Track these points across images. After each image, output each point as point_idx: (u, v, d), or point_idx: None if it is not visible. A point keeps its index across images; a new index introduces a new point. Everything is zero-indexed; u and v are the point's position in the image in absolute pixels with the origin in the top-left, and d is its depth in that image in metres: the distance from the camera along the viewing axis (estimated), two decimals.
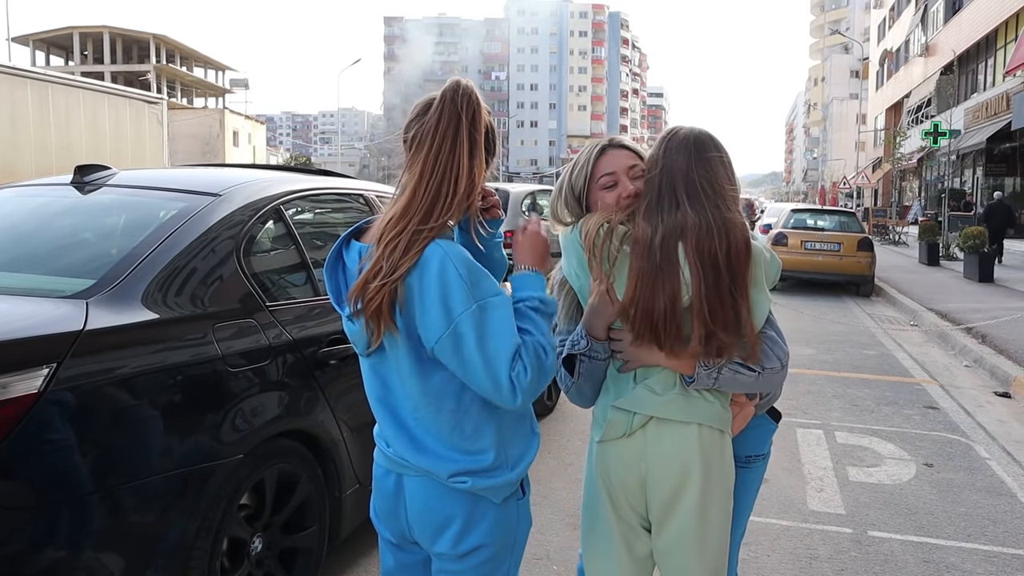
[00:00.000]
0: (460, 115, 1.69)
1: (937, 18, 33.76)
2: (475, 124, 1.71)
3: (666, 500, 1.93)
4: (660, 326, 1.84)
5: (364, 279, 1.66)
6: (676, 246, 1.84)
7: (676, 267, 1.84)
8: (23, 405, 2.01)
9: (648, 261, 1.84)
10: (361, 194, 3.92)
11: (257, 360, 2.73)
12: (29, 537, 2.03)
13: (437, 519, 1.77)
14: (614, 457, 1.97)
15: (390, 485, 1.83)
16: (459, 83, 1.73)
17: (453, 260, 1.63)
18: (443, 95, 1.71)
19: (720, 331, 1.83)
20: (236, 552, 2.68)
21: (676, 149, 1.93)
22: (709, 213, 1.86)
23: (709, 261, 1.82)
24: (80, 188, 3.21)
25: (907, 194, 41.89)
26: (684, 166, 1.91)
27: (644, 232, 1.87)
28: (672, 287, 1.83)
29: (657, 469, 1.93)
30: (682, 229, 1.84)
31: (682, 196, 1.88)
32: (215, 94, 68.07)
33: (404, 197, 1.69)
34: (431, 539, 1.80)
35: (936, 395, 6.92)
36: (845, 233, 14.34)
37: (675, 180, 1.90)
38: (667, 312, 1.83)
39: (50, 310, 2.28)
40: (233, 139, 43.47)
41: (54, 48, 58.73)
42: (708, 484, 1.92)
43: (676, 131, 1.99)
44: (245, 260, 2.89)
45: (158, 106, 20.05)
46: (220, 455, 2.50)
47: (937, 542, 3.89)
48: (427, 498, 1.77)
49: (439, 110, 1.70)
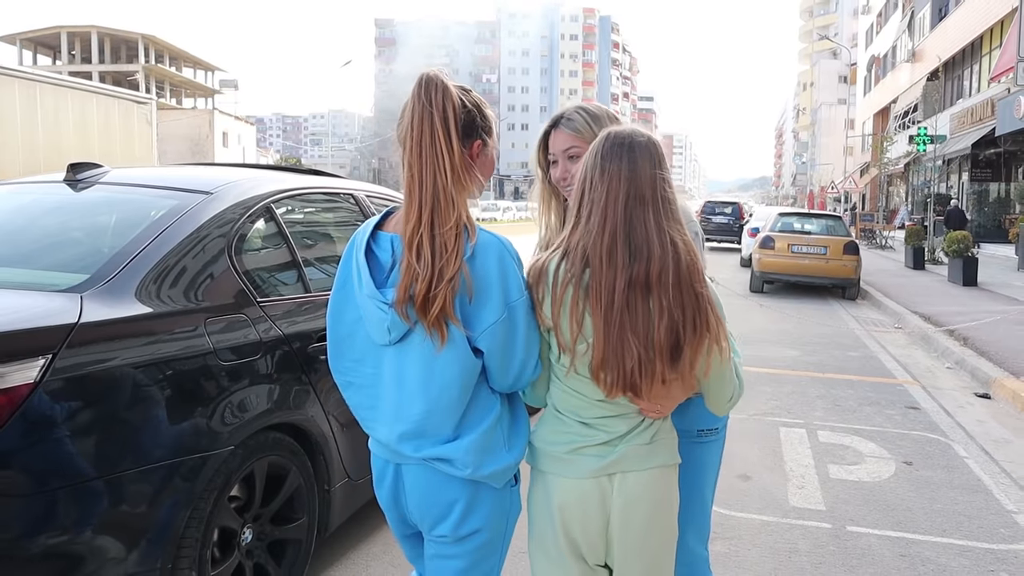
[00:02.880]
0: (430, 106, 1.71)
1: (923, 24, 34.07)
2: (446, 110, 1.72)
3: (634, 542, 1.81)
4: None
5: (422, 290, 1.66)
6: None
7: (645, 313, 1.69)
8: (19, 394, 2.07)
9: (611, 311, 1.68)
10: (351, 193, 3.98)
11: (248, 354, 2.79)
12: (25, 523, 2.08)
13: (439, 505, 1.81)
14: (574, 495, 1.79)
15: (389, 475, 1.87)
16: (423, 75, 1.76)
17: (508, 248, 1.75)
18: (412, 91, 1.75)
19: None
20: (226, 542, 2.73)
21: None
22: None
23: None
24: (73, 186, 3.26)
25: (894, 199, 42.20)
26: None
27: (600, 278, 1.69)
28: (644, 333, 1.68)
29: (625, 512, 1.79)
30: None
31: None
32: (204, 95, 67.91)
33: (406, 199, 1.74)
34: (431, 524, 1.84)
35: (918, 396, 7.02)
36: (831, 237, 14.46)
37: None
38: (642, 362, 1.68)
39: (45, 303, 2.34)
40: (223, 140, 43.41)
41: (41, 47, 58.49)
42: (671, 516, 1.86)
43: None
44: (236, 256, 2.94)
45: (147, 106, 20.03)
46: (211, 446, 2.55)
47: (914, 537, 3.98)
48: (427, 486, 1.81)
49: (411, 106, 1.74)
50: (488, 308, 1.71)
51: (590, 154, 1.78)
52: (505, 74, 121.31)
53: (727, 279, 15.27)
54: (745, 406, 6.35)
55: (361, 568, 3.43)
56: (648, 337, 1.66)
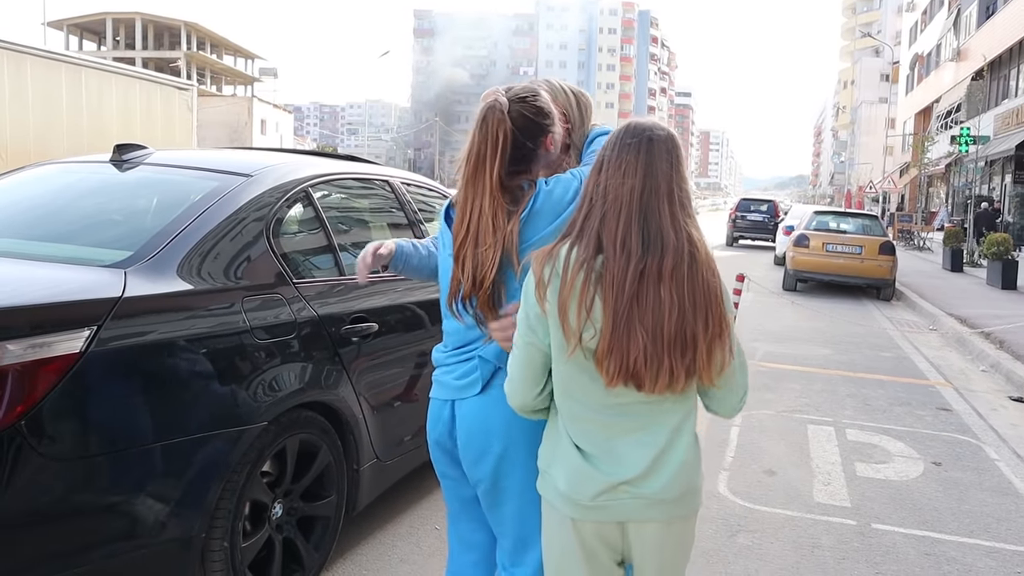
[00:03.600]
0: (484, 140, 1.93)
1: (970, 22, 33.41)
2: (498, 140, 1.93)
3: (654, 556, 1.81)
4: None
5: (467, 292, 1.97)
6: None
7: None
8: (66, 363, 2.15)
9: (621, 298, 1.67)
10: (387, 180, 4.04)
11: (283, 333, 2.86)
12: (67, 486, 2.18)
13: (484, 434, 2.00)
14: (592, 536, 1.79)
15: (445, 413, 2.08)
16: (485, 106, 1.96)
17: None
18: (476, 119, 1.97)
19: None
20: (257, 516, 2.81)
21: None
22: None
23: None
24: (119, 166, 3.36)
25: (934, 200, 41.53)
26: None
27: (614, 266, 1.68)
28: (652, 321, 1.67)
29: (644, 555, 1.80)
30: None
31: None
32: (244, 82, 68.64)
33: (458, 215, 1.99)
34: (476, 457, 2.02)
35: (950, 397, 6.95)
36: (867, 236, 14.29)
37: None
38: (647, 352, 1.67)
39: (91, 277, 2.43)
40: (261, 127, 43.87)
41: (87, 33, 59.49)
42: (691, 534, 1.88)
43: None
44: (274, 238, 3.02)
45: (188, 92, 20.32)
46: (245, 421, 2.63)
47: (940, 536, 3.96)
48: (475, 416, 2.01)
49: (471, 136, 1.96)
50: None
51: (609, 142, 1.78)
52: (542, 67, 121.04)
53: (760, 277, 15.16)
54: (773, 402, 6.34)
55: (387, 547, 3.50)
56: (656, 329, 1.65)
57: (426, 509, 3.90)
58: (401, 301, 3.63)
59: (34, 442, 2.10)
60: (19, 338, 2.10)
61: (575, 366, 1.73)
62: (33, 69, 14.69)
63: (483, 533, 2.20)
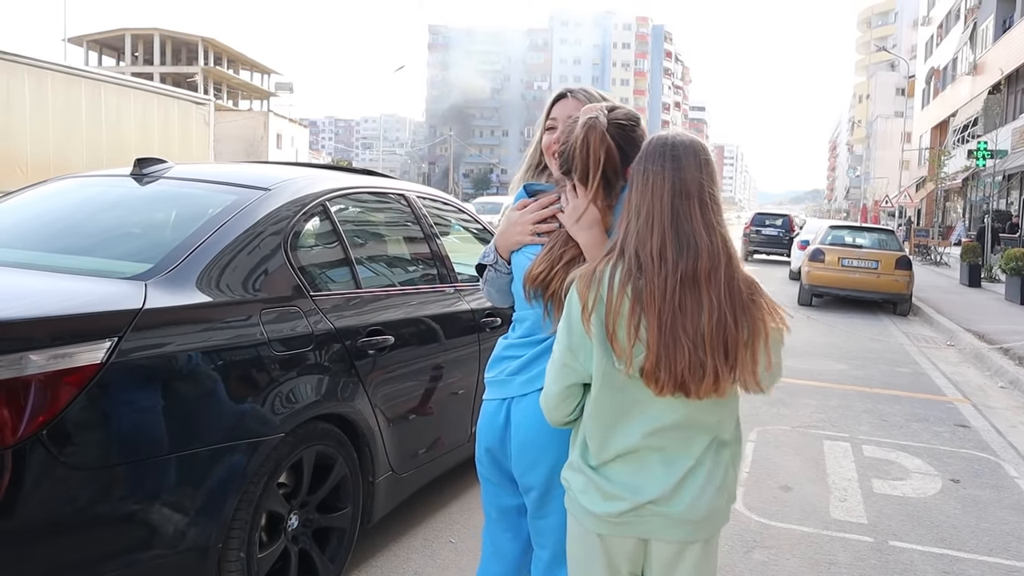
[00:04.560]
0: (586, 153, 1.95)
1: (987, 36, 33.29)
2: (599, 159, 1.96)
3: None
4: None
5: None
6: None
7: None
8: (87, 374, 2.18)
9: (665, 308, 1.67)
10: (402, 194, 4.07)
11: (300, 345, 2.88)
12: (88, 495, 2.20)
13: (539, 439, 2.02)
14: (615, 550, 1.82)
15: (501, 414, 2.09)
16: (588, 120, 1.95)
17: None
18: (578, 127, 1.98)
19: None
20: (274, 527, 2.83)
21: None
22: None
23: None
24: (139, 180, 3.40)
25: (951, 214, 41.28)
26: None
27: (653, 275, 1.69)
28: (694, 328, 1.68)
29: (663, 573, 1.82)
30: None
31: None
32: (260, 97, 69.26)
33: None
34: (529, 464, 2.04)
35: (968, 414, 6.90)
36: (883, 251, 14.21)
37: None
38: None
39: (112, 289, 2.46)
40: (276, 141, 44.21)
41: (106, 49, 60.22)
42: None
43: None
44: (291, 251, 3.04)
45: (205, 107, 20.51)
46: (262, 432, 2.64)
47: (958, 555, 3.93)
48: (532, 420, 2.01)
49: (575, 140, 1.97)
50: None
51: (636, 158, 1.80)
52: (556, 82, 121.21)
53: (775, 292, 15.10)
54: (789, 417, 6.31)
55: (402, 560, 3.50)
56: (697, 334, 1.66)
57: (441, 522, 3.90)
58: (416, 315, 3.65)
59: (56, 451, 2.12)
60: (42, 349, 2.12)
61: (616, 389, 1.74)
62: (54, 84, 14.88)
63: (517, 544, 2.22)
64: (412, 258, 4.08)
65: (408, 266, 4.05)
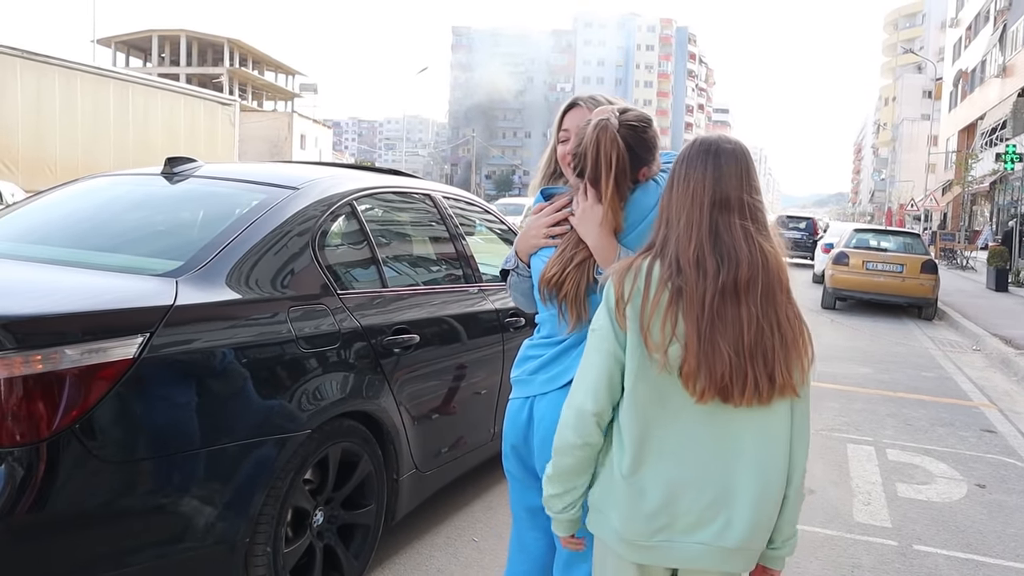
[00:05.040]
0: (596, 154, 1.99)
1: (1016, 38, 32.87)
2: (611, 160, 1.99)
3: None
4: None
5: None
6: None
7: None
8: (119, 368, 2.22)
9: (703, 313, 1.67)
10: (428, 194, 4.10)
11: (327, 343, 2.91)
12: (119, 488, 2.24)
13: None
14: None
15: (525, 411, 2.14)
16: (599, 122, 1.99)
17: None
18: (589, 131, 2.01)
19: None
20: (299, 523, 2.86)
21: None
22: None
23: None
24: (169, 178, 3.45)
25: (978, 218, 40.78)
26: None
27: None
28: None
29: None
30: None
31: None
32: (284, 98, 69.74)
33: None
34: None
35: (994, 419, 6.83)
36: (908, 255, 14.08)
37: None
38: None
39: (144, 286, 2.50)
40: (300, 142, 44.52)
41: (134, 50, 60.91)
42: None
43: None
44: (319, 250, 3.08)
45: (231, 108, 20.70)
46: (290, 429, 2.68)
47: (984, 559, 3.89)
48: (556, 414, 2.00)
49: (587, 143, 2.01)
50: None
51: (677, 159, 1.79)
52: (580, 83, 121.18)
53: (798, 295, 14.68)
54: (812, 421, 6.25)
55: (425, 558, 3.53)
56: (738, 343, 1.66)
57: (464, 520, 3.93)
58: (440, 314, 3.67)
59: (88, 445, 2.16)
60: (76, 343, 2.16)
61: (652, 384, 1.72)
62: (83, 85, 15.08)
63: (543, 544, 2.25)
64: (437, 258, 4.11)
65: (433, 266, 4.08)
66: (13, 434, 2.07)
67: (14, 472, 2.07)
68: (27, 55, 14.53)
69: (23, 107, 14.50)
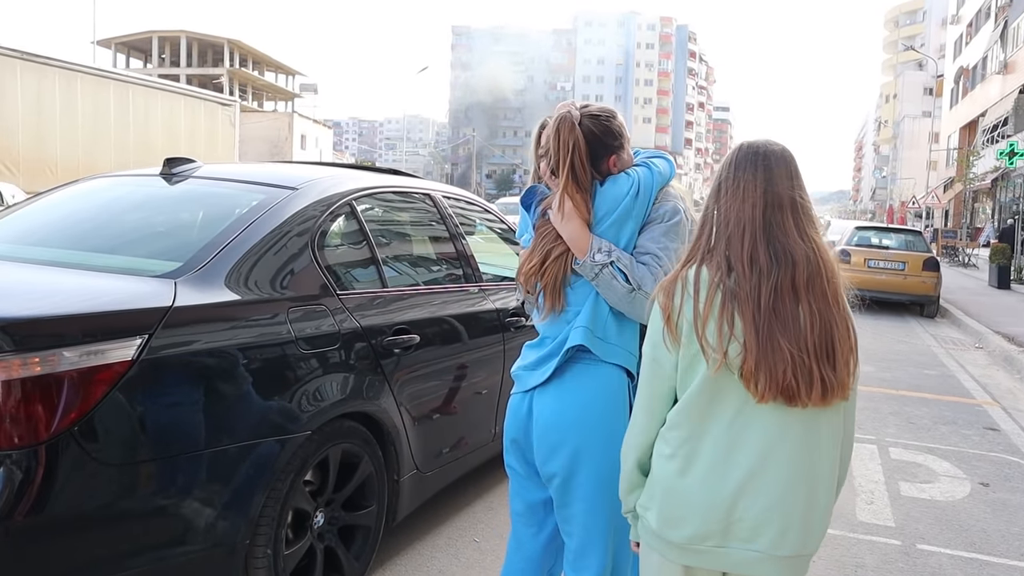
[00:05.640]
0: (561, 146, 2.10)
1: (1018, 34, 32.82)
2: (568, 150, 2.10)
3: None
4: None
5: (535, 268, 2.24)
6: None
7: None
8: (118, 370, 2.21)
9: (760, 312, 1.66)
10: (428, 193, 4.08)
11: (326, 344, 2.90)
12: (118, 490, 2.23)
13: (560, 426, 2.12)
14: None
15: (524, 406, 2.20)
16: (559, 116, 2.12)
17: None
18: (552, 126, 2.14)
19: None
20: (300, 524, 2.85)
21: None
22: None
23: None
24: (168, 179, 3.44)
25: (979, 216, 40.72)
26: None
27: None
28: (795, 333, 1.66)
29: None
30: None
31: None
32: (285, 98, 69.73)
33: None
34: (549, 451, 2.13)
35: (997, 417, 6.81)
36: (910, 252, 14.07)
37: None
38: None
39: (143, 287, 2.49)
40: (301, 142, 44.51)
41: (134, 51, 60.92)
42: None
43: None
44: (318, 250, 3.06)
45: (231, 108, 20.68)
46: (290, 430, 2.66)
47: (988, 559, 3.88)
48: (552, 409, 2.14)
49: (553, 140, 2.13)
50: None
51: (724, 164, 1.79)
52: (580, 82, 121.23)
53: None
54: None
55: (426, 559, 3.51)
56: (800, 341, 1.64)
57: (465, 521, 3.91)
58: (440, 314, 3.66)
59: (87, 447, 2.15)
60: (74, 345, 2.15)
61: (705, 393, 1.70)
62: (83, 86, 15.07)
63: (539, 540, 2.29)
64: (437, 257, 4.10)
65: (433, 265, 4.07)
66: (11, 437, 2.06)
67: (12, 475, 2.06)
68: (27, 57, 14.52)
69: (23, 109, 14.50)
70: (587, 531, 2.12)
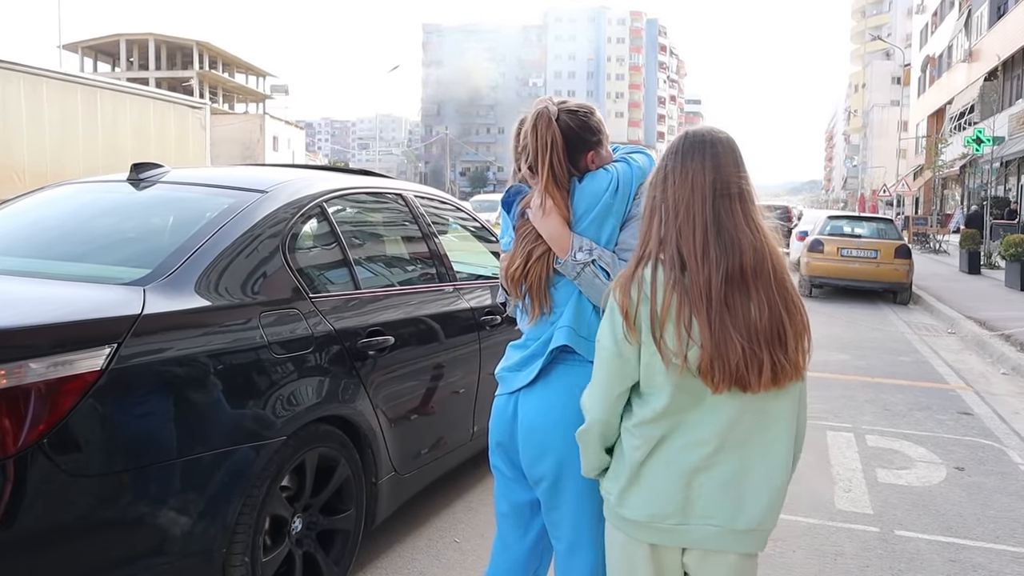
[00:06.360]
0: (541, 140, 2.08)
1: (981, 23, 33.27)
2: (546, 145, 2.08)
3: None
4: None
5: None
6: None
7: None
8: (87, 381, 2.17)
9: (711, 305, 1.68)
10: (400, 194, 4.06)
11: (300, 347, 2.87)
12: (90, 502, 2.19)
13: (546, 426, 2.08)
14: (655, 559, 1.83)
15: (510, 407, 2.17)
16: (537, 111, 2.10)
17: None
18: (529, 121, 2.11)
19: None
20: (277, 530, 2.82)
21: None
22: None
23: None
24: (136, 185, 3.39)
25: (949, 202, 41.26)
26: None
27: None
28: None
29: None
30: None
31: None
32: (256, 100, 69.17)
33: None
34: (537, 453, 2.10)
35: (971, 401, 6.89)
36: (882, 240, 14.21)
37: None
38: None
39: (111, 295, 2.45)
40: (273, 144, 44.17)
41: (101, 55, 60.18)
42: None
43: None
44: (289, 253, 3.03)
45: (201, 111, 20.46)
46: (264, 436, 2.63)
47: (964, 543, 3.92)
48: (537, 409, 2.10)
49: (531, 136, 2.11)
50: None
51: (668, 153, 1.78)
52: (551, 78, 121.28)
53: None
54: None
55: (407, 560, 3.50)
56: (750, 330, 1.66)
57: (444, 522, 3.90)
58: (416, 314, 3.64)
59: (57, 460, 2.11)
60: (41, 356, 2.11)
61: (668, 384, 1.73)
62: (49, 92, 14.84)
63: (524, 542, 2.28)
64: (411, 258, 4.07)
65: (407, 266, 4.04)
66: None
67: None
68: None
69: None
70: (576, 532, 2.10)
